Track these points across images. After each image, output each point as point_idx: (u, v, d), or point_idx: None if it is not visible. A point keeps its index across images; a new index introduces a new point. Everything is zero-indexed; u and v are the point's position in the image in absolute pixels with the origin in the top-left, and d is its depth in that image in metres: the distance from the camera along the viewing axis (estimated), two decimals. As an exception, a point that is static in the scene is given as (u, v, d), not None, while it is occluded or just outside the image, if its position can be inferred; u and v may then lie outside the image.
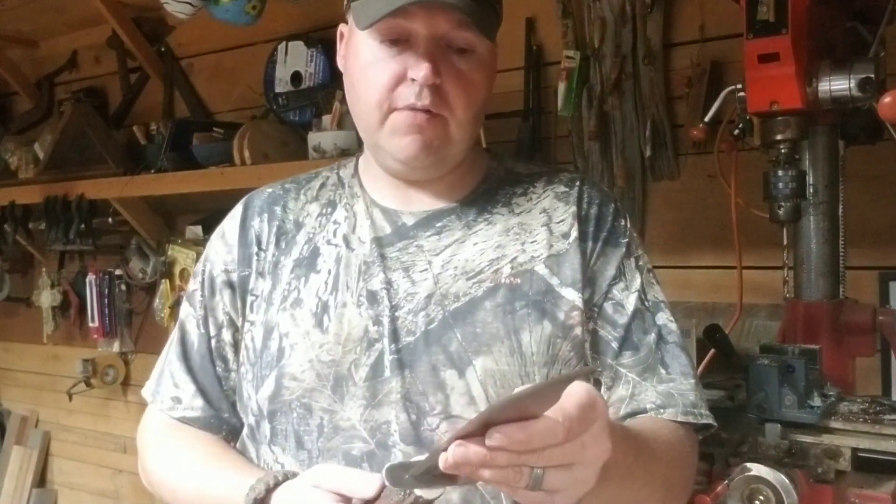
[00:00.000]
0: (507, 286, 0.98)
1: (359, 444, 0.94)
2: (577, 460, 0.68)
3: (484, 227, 1.03)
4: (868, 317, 1.39)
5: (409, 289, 0.99)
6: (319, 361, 0.96)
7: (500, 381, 0.94)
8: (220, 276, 1.07)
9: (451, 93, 0.96)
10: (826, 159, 1.40)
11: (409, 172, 1.02)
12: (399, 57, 0.95)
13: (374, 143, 1.02)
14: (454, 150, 1.01)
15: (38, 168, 3.12)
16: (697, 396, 1.00)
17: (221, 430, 1.07)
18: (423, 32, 0.94)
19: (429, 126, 0.96)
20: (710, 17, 1.95)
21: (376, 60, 0.97)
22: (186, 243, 2.82)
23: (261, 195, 1.12)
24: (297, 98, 2.58)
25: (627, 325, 1.01)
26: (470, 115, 0.99)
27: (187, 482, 1.01)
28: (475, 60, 0.98)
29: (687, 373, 1.01)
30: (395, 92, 0.96)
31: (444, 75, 0.95)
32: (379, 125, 0.98)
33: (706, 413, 1.00)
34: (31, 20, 3.16)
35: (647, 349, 1.01)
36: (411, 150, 0.97)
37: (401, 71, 0.95)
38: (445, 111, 0.96)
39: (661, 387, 0.99)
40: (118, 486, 3.35)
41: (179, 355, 1.09)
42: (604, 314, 1.01)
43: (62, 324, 3.39)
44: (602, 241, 1.04)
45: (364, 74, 0.98)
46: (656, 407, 0.98)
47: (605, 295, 1.02)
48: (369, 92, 0.98)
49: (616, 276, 1.02)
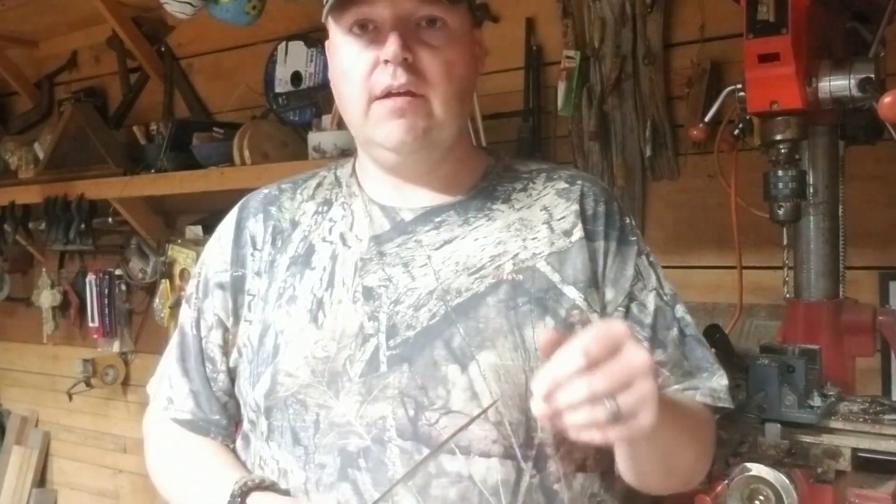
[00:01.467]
0: (510, 282, 0.98)
1: (354, 439, 0.94)
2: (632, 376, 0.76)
3: (484, 222, 1.03)
4: (868, 317, 1.39)
5: (409, 284, 0.99)
6: (314, 357, 0.97)
7: (503, 377, 0.94)
8: (213, 277, 1.09)
9: (427, 69, 0.96)
10: (826, 159, 1.40)
11: (402, 161, 1.02)
12: (370, 45, 0.96)
13: (364, 139, 1.03)
14: (443, 133, 1.00)
15: (38, 168, 3.12)
16: (717, 382, 1.04)
17: (209, 432, 1.09)
18: (388, 15, 0.95)
19: (410, 108, 0.96)
20: (710, 17, 1.95)
21: (351, 55, 0.98)
22: (186, 243, 2.82)
23: (256, 197, 1.13)
24: (297, 98, 2.58)
25: (653, 324, 1.03)
26: (452, 90, 0.98)
27: (178, 486, 1.08)
28: (447, 35, 0.98)
29: (703, 367, 1.05)
30: (372, 79, 0.96)
31: (418, 52, 0.95)
32: (364, 117, 0.99)
33: (724, 398, 1.04)
34: (31, 20, 3.16)
35: (672, 345, 1.03)
36: (397, 135, 0.97)
37: (373, 58, 0.96)
38: (425, 89, 0.96)
39: (683, 380, 1.03)
40: (118, 486, 3.35)
41: (177, 356, 1.11)
42: (631, 315, 1.02)
43: (62, 324, 3.39)
44: (616, 241, 1.04)
45: (342, 71, 1.00)
46: (680, 391, 1.02)
47: (629, 296, 1.03)
48: (349, 86, 0.99)
49: (636, 276, 1.04)
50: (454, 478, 0.91)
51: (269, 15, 2.37)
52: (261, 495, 0.95)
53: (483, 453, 0.92)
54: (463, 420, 0.91)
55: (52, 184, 2.97)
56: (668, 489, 1.04)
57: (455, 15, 0.98)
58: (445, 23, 0.98)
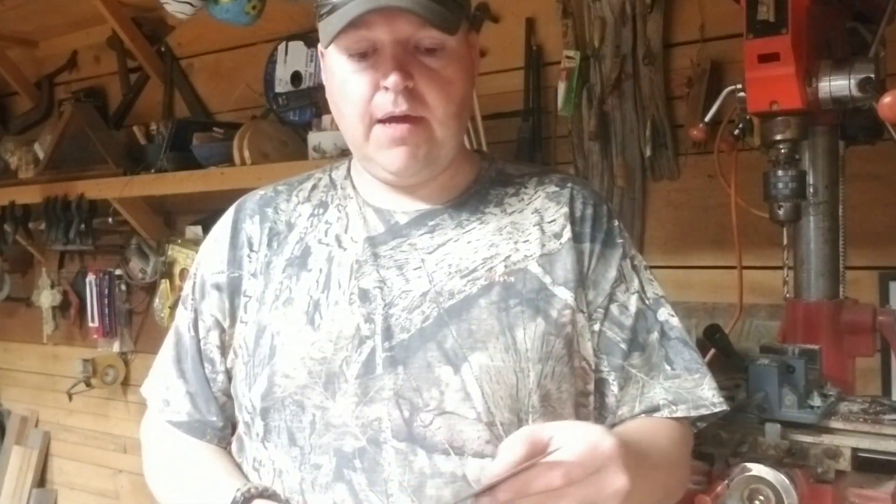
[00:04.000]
0: (502, 284, 0.99)
1: (350, 440, 0.94)
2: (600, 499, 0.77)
3: (477, 226, 1.04)
4: (868, 317, 1.39)
5: (403, 287, 0.99)
6: (311, 359, 0.97)
7: (495, 378, 0.95)
8: (209, 278, 1.09)
9: (427, 94, 0.96)
10: (826, 159, 1.40)
11: (402, 181, 1.03)
12: (370, 69, 0.96)
13: (363, 156, 1.04)
14: (442, 151, 1.01)
15: (38, 168, 3.12)
16: (706, 388, 1.03)
17: (205, 435, 1.08)
18: (386, 39, 0.95)
19: (411, 135, 0.97)
20: (710, 17, 1.95)
21: (349, 75, 0.98)
22: (186, 243, 2.82)
23: (252, 198, 1.13)
24: (297, 98, 2.58)
25: (633, 326, 1.03)
26: (451, 111, 0.99)
27: (174, 491, 1.07)
28: (446, 56, 0.98)
29: (691, 367, 1.04)
30: (373, 103, 0.97)
31: (417, 77, 0.96)
32: (364, 139, 0.99)
33: (717, 401, 1.03)
34: (31, 20, 3.16)
35: (651, 348, 1.03)
36: (399, 163, 0.98)
37: (373, 81, 0.96)
38: (425, 112, 0.97)
39: (667, 383, 1.03)
40: (118, 486, 3.35)
41: (173, 358, 1.11)
42: (610, 316, 1.03)
43: (62, 324, 3.40)
44: (601, 243, 1.05)
45: (342, 91, 1.00)
46: (668, 403, 1.02)
47: (609, 297, 1.03)
48: (349, 108, 0.99)
49: (617, 278, 1.04)
50: (448, 478, 0.92)
51: (269, 15, 2.37)
52: (263, 503, 0.95)
53: (476, 453, 0.93)
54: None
55: (52, 184, 2.97)
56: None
57: (453, 37, 0.98)
58: (444, 45, 0.98)
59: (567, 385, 0.99)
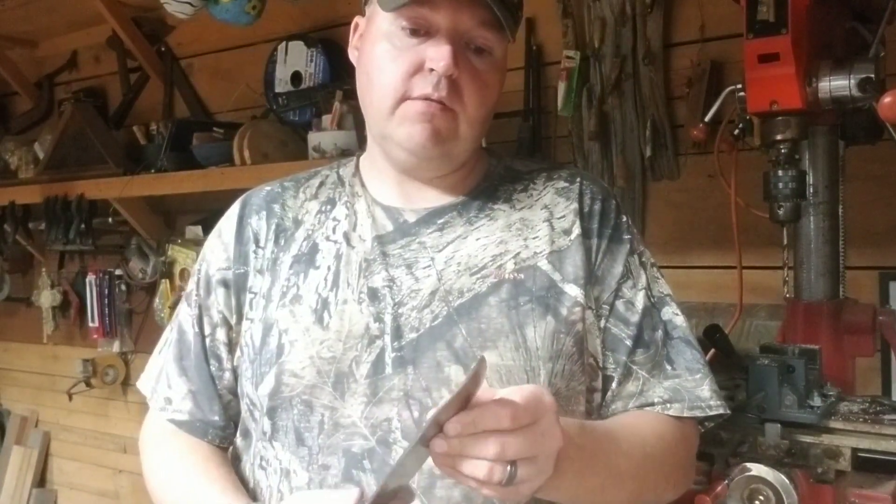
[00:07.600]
0: (511, 282, 0.98)
1: (359, 441, 0.94)
2: (540, 451, 0.76)
3: (486, 223, 1.04)
4: (868, 317, 1.39)
5: (412, 285, 0.99)
6: (320, 358, 0.96)
7: (505, 377, 0.94)
8: (215, 274, 1.08)
9: (465, 89, 0.97)
10: (826, 159, 1.39)
11: (415, 164, 1.02)
12: (419, 47, 0.96)
13: (381, 133, 1.02)
14: (460, 148, 1.01)
15: (38, 168, 3.12)
16: (705, 389, 1.02)
17: (206, 434, 1.07)
18: (445, 25, 0.95)
19: (440, 116, 0.97)
20: (710, 17, 1.95)
21: (396, 49, 0.97)
22: (186, 243, 2.82)
23: (259, 193, 1.12)
24: (297, 98, 2.58)
25: (639, 323, 1.03)
26: (481, 114, 1.00)
27: (173, 496, 1.05)
28: (491, 62, 0.99)
29: (692, 367, 1.03)
30: (412, 81, 0.96)
31: (461, 71, 0.96)
32: (390, 113, 0.98)
33: (715, 404, 1.02)
34: (31, 20, 3.16)
35: (655, 347, 1.03)
36: (420, 138, 0.97)
37: (419, 61, 0.96)
38: (458, 106, 0.97)
39: (667, 382, 1.02)
40: (118, 486, 3.35)
41: (175, 355, 1.09)
42: (616, 312, 1.02)
43: (62, 324, 3.40)
44: (608, 239, 1.05)
45: (381, 62, 0.99)
46: (663, 402, 1.01)
47: (616, 293, 1.03)
48: (385, 78, 0.98)
49: (624, 274, 1.04)
50: None
51: (269, 15, 2.38)
52: None
53: None
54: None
55: (52, 184, 2.97)
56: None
57: (502, 43, 0.99)
58: (492, 50, 0.99)
59: (576, 383, 0.99)
